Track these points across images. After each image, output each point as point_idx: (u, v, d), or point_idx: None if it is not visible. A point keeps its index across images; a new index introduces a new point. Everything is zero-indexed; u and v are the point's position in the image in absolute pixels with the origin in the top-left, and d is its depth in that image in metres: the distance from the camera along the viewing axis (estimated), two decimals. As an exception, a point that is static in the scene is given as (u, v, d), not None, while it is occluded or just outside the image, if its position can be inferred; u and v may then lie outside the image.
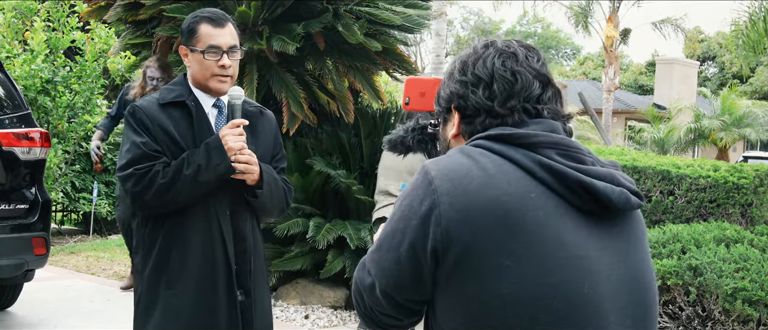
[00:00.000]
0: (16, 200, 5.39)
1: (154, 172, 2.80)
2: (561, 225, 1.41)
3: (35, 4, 10.38)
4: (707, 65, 42.51)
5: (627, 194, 1.46)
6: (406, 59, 6.95)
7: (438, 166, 1.48)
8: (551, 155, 1.45)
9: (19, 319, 5.87)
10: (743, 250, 5.19)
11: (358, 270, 1.60)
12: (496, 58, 1.54)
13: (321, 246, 6.05)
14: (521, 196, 1.41)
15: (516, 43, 1.58)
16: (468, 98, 1.55)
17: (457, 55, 1.62)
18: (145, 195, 2.80)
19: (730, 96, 23.62)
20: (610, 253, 1.45)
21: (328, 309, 6.38)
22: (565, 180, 1.42)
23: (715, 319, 4.89)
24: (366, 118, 6.94)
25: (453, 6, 42.05)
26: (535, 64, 1.55)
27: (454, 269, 1.41)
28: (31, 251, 5.36)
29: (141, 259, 2.97)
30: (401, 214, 1.50)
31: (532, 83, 1.53)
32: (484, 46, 1.58)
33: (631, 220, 1.53)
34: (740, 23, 12.28)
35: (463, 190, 1.42)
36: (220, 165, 2.83)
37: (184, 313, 2.88)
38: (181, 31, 3.01)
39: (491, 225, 1.39)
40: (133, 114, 2.89)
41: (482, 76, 1.54)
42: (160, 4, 6.10)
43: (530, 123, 1.52)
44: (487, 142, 1.49)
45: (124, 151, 2.86)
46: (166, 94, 2.96)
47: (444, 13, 13.08)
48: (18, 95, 5.70)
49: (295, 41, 5.91)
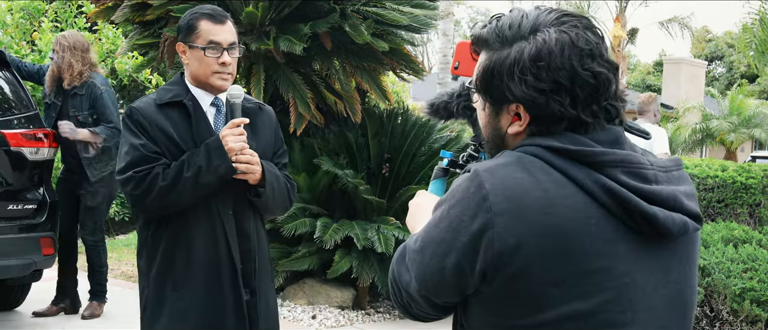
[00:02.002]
0: (24, 200, 5.40)
1: (153, 174, 2.78)
2: (614, 252, 1.36)
3: (43, 5, 10.41)
4: (715, 65, 42.39)
5: (686, 222, 1.40)
6: (413, 59, 6.95)
7: (493, 178, 1.37)
8: (617, 175, 1.36)
9: (27, 318, 5.88)
10: (751, 251, 5.18)
11: (396, 262, 1.54)
12: (574, 58, 1.38)
13: (328, 246, 6.05)
14: (580, 223, 1.34)
15: (580, 25, 1.42)
16: (548, 106, 1.39)
17: (510, 38, 1.42)
18: (146, 198, 2.79)
19: (738, 96, 23.54)
20: (659, 275, 1.42)
21: (335, 309, 6.38)
22: (627, 207, 1.35)
23: (724, 319, 4.87)
24: (373, 118, 6.94)
25: (460, 6, 42.04)
26: (606, 53, 1.43)
27: (499, 289, 1.37)
28: (39, 251, 5.37)
29: (145, 261, 2.95)
30: (449, 224, 1.40)
31: (610, 80, 1.41)
32: (553, 37, 1.39)
33: (687, 242, 1.47)
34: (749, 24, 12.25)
35: (519, 213, 1.34)
36: (220, 166, 2.81)
37: (191, 314, 2.87)
38: (179, 27, 2.97)
39: (546, 254, 1.33)
40: (131, 115, 2.86)
41: (563, 82, 1.38)
42: (168, 4, 6.10)
43: (599, 132, 1.41)
44: (550, 156, 1.38)
45: (123, 153, 2.84)
46: (163, 94, 2.93)
47: (451, 13, 13.09)
48: (26, 95, 5.72)
49: (302, 41, 5.91)
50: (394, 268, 1.54)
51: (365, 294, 6.60)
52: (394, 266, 1.55)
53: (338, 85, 6.75)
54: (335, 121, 6.89)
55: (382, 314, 6.45)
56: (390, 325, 6.22)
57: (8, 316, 5.95)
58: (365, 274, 6.17)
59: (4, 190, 5.28)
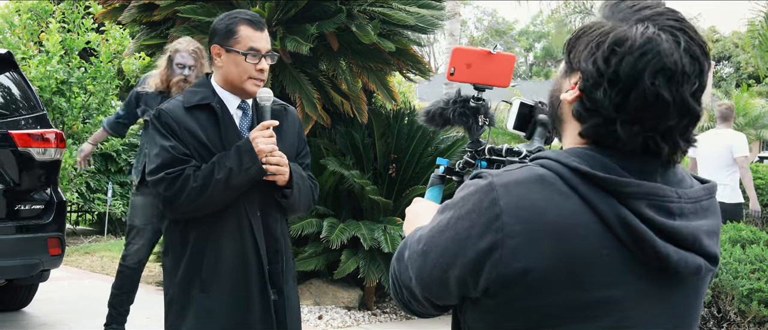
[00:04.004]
0: (31, 201, 5.42)
1: (185, 176, 2.80)
2: (621, 285, 1.33)
3: (50, 6, 10.45)
4: (723, 65, 42.30)
5: (699, 266, 1.35)
6: (420, 59, 6.95)
7: (509, 196, 1.30)
8: (640, 209, 1.30)
9: (34, 319, 5.90)
10: (759, 251, 5.16)
11: (396, 260, 1.51)
12: (648, 68, 1.27)
13: (335, 246, 6.06)
14: (592, 254, 1.30)
15: (685, 38, 1.30)
16: (595, 93, 1.31)
17: (621, 16, 1.34)
18: (178, 199, 2.80)
19: (743, 96, 23.45)
20: (662, 307, 1.39)
21: (341, 309, 6.38)
22: (642, 245, 1.30)
23: (731, 320, 4.86)
24: (379, 118, 6.94)
25: (467, 6, 42.04)
26: (692, 86, 1.29)
27: (501, 304, 1.35)
28: (46, 251, 5.39)
29: (171, 261, 2.96)
30: (456, 234, 1.35)
31: (671, 115, 1.29)
32: (647, 39, 1.28)
33: (698, 281, 1.42)
34: (756, 23, 12.21)
35: (531, 238, 1.28)
36: (251, 168, 2.84)
37: (218, 315, 2.89)
38: (214, 29, 2.97)
39: (552, 281, 1.30)
40: (159, 117, 2.87)
41: (624, 80, 1.28)
42: (175, 5, 6.12)
43: (627, 155, 1.33)
44: (576, 179, 1.31)
45: (154, 155, 2.86)
46: (190, 97, 2.94)
47: (458, 14, 13.06)
48: (33, 96, 5.73)
49: (308, 42, 5.92)
50: (395, 265, 1.52)
51: (372, 294, 6.60)
52: (394, 263, 1.52)
53: (345, 86, 6.76)
54: (342, 122, 6.90)
55: (389, 314, 6.45)
56: (396, 325, 6.22)
57: (16, 316, 5.96)
58: (372, 275, 6.17)
59: (12, 190, 5.30)
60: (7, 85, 5.69)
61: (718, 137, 7.78)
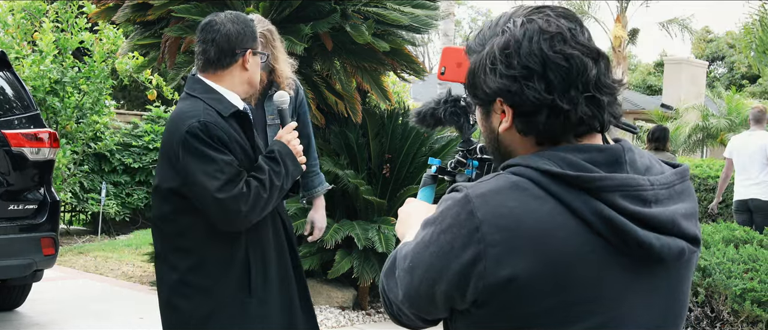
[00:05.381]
0: (25, 200, 5.41)
1: (254, 188, 2.74)
2: (607, 278, 1.34)
3: (44, 5, 10.42)
4: (716, 65, 42.39)
5: (683, 249, 1.38)
6: (414, 59, 6.95)
7: (486, 206, 1.32)
8: (615, 200, 1.32)
9: (28, 319, 5.89)
10: (752, 251, 5.17)
11: (385, 275, 1.51)
12: (542, 41, 1.35)
13: (329, 246, 6.06)
14: (574, 254, 1.31)
15: (552, 14, 1.39)
16: (523, 94, 1.35)
17: (488, 39, 1.42)
18: (253, 213, 2.75)
19: (735, 96, 23.52)
20: (650, 296, 1.40)
21: (335, 309, 6.38)
22: (624, 237, 1.32)
23: (724, 320, 4.87)
24: (374, 118, 6.94)
25: (461, 6, 42.03)
26: (582, 38, 1.37)
27: (490, 313, 1.35)
28: (39, 251, 5.38)
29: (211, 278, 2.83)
30: (439, 249, 1.35)
31: (585, 64, 1.35)
32: (521, 25, 1.37)
33: (683, 265, 1.44)
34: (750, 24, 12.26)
35: (512, 245, 1.30)
36: (295, 171, 2.93)
37: (273, 320, 2.92)
38: (244, 33, 2.91)
39: (538, 286, 1.30)
40: (208, 131, 2.72)
41: (533, 67, 1.34)
42: (169, 4, 6.11)
43: (593, 150, 1.37)
44: (547, 181, 1.33)
45: (213, 171, 2.70)
46: (221, 105, 2.83)
47: (452, 14, 13.08)
48: (27, 96, 5.72)
49: (303, 42, 5.91)
50: (384, 281, 1.52)
51: (366, 294, 6.60)
52: (383, 279, 1.53)
53: (339, 86, 6.75)
54: (336, 122, 6.90)
55: (383, 314, 6.45)
56: (390, 325, 6.22)
57: (9, 316, 5.95)
58: (366, 275, 6.17)
59: (5, 190, 5.29)
60: (1, 85, 5.68)
61: (751, 138, 8.24)
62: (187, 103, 2.86)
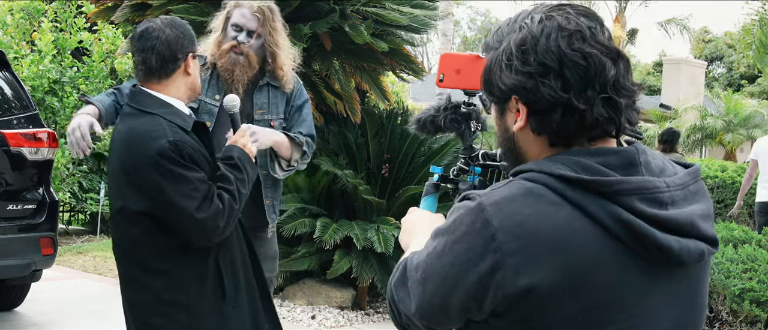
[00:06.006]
0: (23, 200, 5.40)
1: (227, 202, 2.72)
2: (626, 283, 1.32)
3: (43, 5, 10.42)
4: (715, 65, 42.40)
5: (702, 251, 1.36)
6: (413, 59, 6.95)
7: (501, 214, 1.29)
8: (632, 204, 1.30)
9: (27, 319, 5.89)
10: (751, 251, 5.18)
11: (395, 286, 1.47)
12: (560, 39, 1.32)
13: (328, 246, 6.06)
14: (593, 259, 1.29)
15: (572, 11, 1.36)
16: (538, 91, 1.32)
17: (506, 35, 1.40)
18: (229, 227, 2.74)
19: (733, 96, 23.53)
20: (670, 299, 1.38)
21: (334, 309, 6.38)
22: (643, 241, 1.29)
23: (723, 319, 4.88)
24: (373, 118, 6.95)
25: (460, 6, 42.03)
26: (602, 37, 1.34)
27: (510, 323, 1.32)
28: (38, 251, 5.38)
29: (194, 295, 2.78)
30: (453, 259, 1.32)
31: (603, 63, 1.32)
32: (539, 21, 1.35)
33: (701, 266, 1.42)
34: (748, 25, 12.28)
35: (530, 253, 1.26)
36: (253, 174, 2.91)
37: (246, 323, 2.91)
38: (184, 35, 2.85)
39: (558, 293, 1.28)
40: (179, 150, 2.64)
41: (550, 64, 1.31)
42: (168, 4, 6.11)
43: (607, 153, 1.35)
44: (562, 186, 1.30)
45: (190, 190, 2.64)
46: (181, 119, 2.77)
47: (451, 14, 13.08)
48: (25, 96, 5.72)
49: (302, 42, 5.91)
50: (394, 291, 1.48)
51: (365, 294, 6.60)
52: (393, 289, 1.48)
53: (338, 86, 6.75)
54: (335, 122, 6.90)
55: (382, 314, 6.45)
56: (389, 325, 6.22)
57: (8, 316, 5.95)
58: (365, 275, 6.17)
59: (4, 190, 5.28)
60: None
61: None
62: (143, 120, 2.72)
